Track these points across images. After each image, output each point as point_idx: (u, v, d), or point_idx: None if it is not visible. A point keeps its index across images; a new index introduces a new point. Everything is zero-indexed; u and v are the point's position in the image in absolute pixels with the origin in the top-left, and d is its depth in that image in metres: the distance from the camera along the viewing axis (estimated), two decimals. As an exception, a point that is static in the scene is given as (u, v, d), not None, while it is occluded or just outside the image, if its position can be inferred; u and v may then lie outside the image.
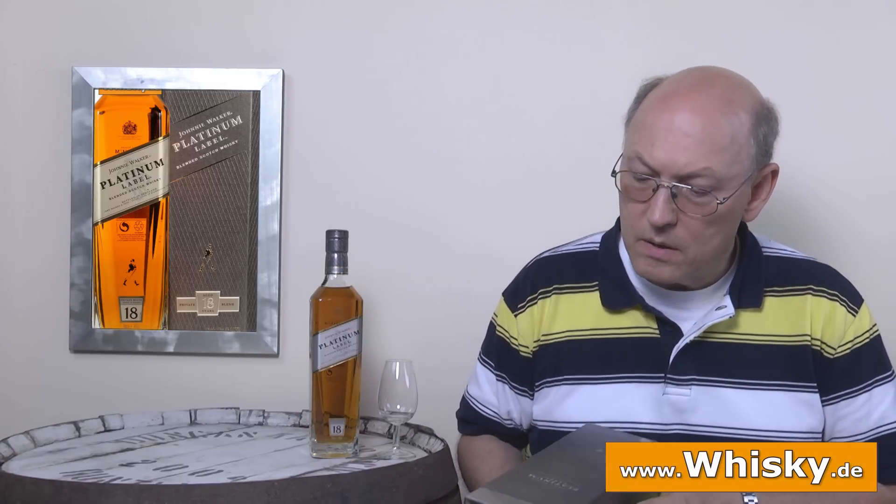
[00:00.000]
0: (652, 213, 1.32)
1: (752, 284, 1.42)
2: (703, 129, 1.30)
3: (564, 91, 1.83)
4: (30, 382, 1.89)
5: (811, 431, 1.39)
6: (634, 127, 1.37)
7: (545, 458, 1.31)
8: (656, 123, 1.32)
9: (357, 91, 1.86)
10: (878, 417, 1.40)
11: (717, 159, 1.30)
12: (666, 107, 1.33)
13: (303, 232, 1.85)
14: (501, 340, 1.54)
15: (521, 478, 1.24)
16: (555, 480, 1.22)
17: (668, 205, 1.31)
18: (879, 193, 1.79)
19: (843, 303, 1.42)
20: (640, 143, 1.33)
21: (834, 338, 1.40)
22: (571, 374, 1.45)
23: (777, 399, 1.38)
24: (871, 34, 1.79)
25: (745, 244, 1.45)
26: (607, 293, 1.45)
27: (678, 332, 1.41)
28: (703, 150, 1.30)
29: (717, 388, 1.39)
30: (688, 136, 1.30)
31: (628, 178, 1.35)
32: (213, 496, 1.23)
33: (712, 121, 1.30)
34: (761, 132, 1.34)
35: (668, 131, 1.31)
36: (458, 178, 1.85)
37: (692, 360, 1.40)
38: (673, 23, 1.81)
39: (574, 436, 1.36)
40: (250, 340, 1.86)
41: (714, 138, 1.30)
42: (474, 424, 1.59)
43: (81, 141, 1.86)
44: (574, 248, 1.54)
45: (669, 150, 1.30)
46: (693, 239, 1.33)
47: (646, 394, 1.40)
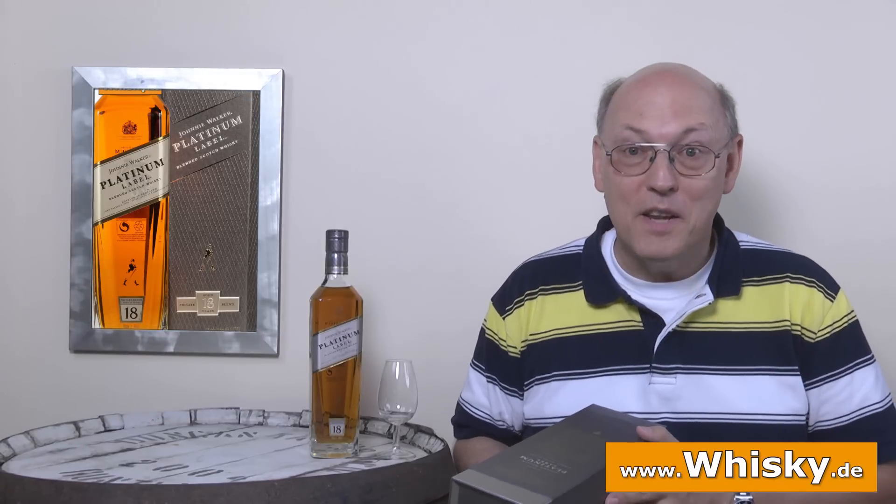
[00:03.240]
0: (654, 179, 1.36)
1: (729, 274, 1.45)
2: (687, 94, 1.38)
3: (564, 91, 1.82)
4: (30, 382, 1.89)
5: (795, 414, 1.41)
6: (614, 111, 1.43)
7: (540, 440, 1.31)
8: (640, 98, 1.39)
9: (357, 91, 1.86)
10: (860, 399, 1.42)
11: (706, 117, 1.38)
12: (645, 84, 1.41)
13: (303, 232, 1.86)
14: (490, 343, 1.56)
15: (512, 460, 1.24)
16: (545, 462, 1.22)
17: (669, 169, 1.36)
18: (880, 189, 1.79)
19: (821, 289, 1.44)
20: (629, 117, 1.39)
21: (813, 323, 1.42)
22: (560, 370, 1.47)
23: (760, 383, 1.40)
24: (872, 32, 1.79)
25: (721, 237, 1.49)
26: (591, 289, 1.48)
27: (661, 322, 1.44)
28: (692, 109, 1.37)
29: (702, 375, 1.41)
30: (675, 101, 1.37)
31: (621, 153, 1.40)
32: (213, 496, 1.23)
33: (693, 88, 1.40)
34: (729, 104, 1.44)
35: (653, 103, 1.38)
36: (458, 178, 1.85)
37: (676, 350, 1.42)
38: (673, 23, 1.81)
39: (574, 417, 1.37)
40: (250, 340, 1.86)
41: (698, 100, 1.38)
42: (468, 428, 1.61)
43: (81, 141, 1.86)
44: (558, 252, 1.57)
45: (660, 116, 1.37)
46: (693, 202, 1.38)
47: (633, 384, 1.42)
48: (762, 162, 1.76)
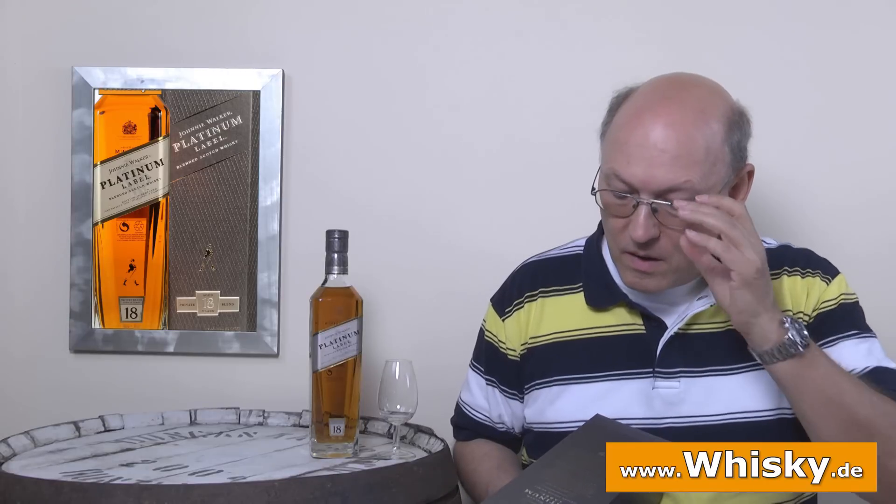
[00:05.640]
0: (634, 230, 1.33)
1: None
2: (678, 143, 1.30)
3: (564, 92, 1.83)
4: (30, 382, 1.89)
5: None
6: (609, 143, 1.38)
7: (545, 467, 1.30)
8: (630, 140, 1.33)
9: (357, 91, 1.86)
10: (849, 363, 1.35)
11: (695, 172, 1.31)
12: (639, 122, 1.33)
13: (303, 232, 1.86)
14: (490, 345, 1.56)
15: (517, 494, 1.24)
16: (550, 499, 1.22)
17: (649, 221, 1.32)
18: (879, 194, 1.79)
19: (817, 274, 1.44)
20: (617, 160, 1.34)
21: (809, 305, 1.42)
22: (561, 374, 1.46)
23: (764, 377, 1.38)
24: (872, 34, 1.79)
25: None
26: (591, 292, 1.47)
27: (663, 326, 1.43)
28: (680, 164, 1.30)
29: (705, 377, 1.40)
30: (664, 153, 1.30)
31: (608, 195, 1.37)
32: (213, 496, 1.23)
33: (686, 134, 1.31)
34: (734, 139, 1.35)
35: (643, 147, 1.31)
36: (458, 177, 1.85)
37: (678, 353, 1.41)
38: (672, 25, 1.81)
39: (578, 435, 1.35)
40: (250, 340, 1.86)
41: (690, 152, 1.31)
42: (468, 430, 1.60)
43: (81, 141, 1.86)
44: (558, 253, 1.56)
45: (646, 167, 1.31)
46: (676, 249, 1.34)
47: (636, 389, 1.41)
48: (762, 163, 1.76)
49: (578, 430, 1.36)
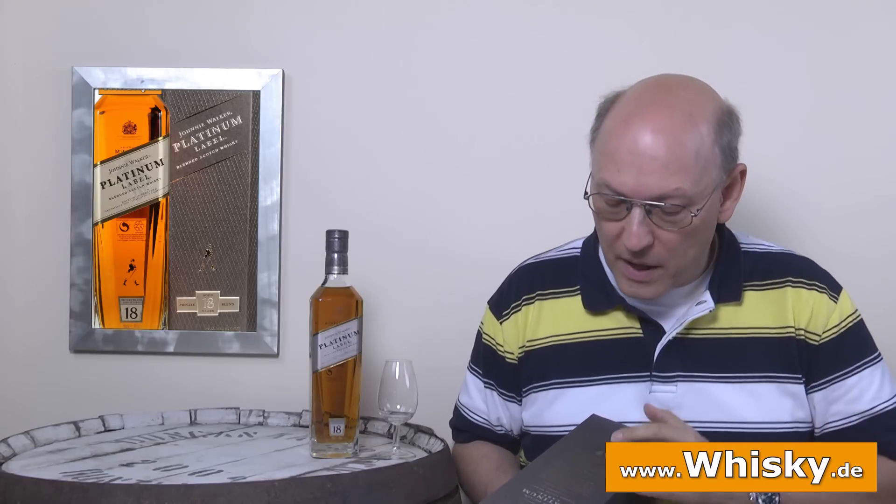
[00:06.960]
0: (629, 238, 1.32)
1: (730, 279, 1.43)
2: (668, 149, 1.29)
3: (563, 93, 1.82)
4: (30, 382, 1.89)
5: (798, 422, 1.40)
6: (598, 152, 1.37)
7: (543, 466, 1.30)
8: (620, 148, 1.31)
9: (357, 91, 1.86)
10: (870, 398, 1.40)
11: (686, 177, 1.29)
12: (628, 129, 1.31)
13: (303, 232, 1.85)
14: (488, 348, 1.55)
15: (515, 493, 1.24)
16: (548, 498, 1.22)
17: (643, 227, 1.31)
18: (876, 194, 1.79)
19: (823, 290, 1.42)
20: (607, 169, 1.33)
21: (818, 325, 1.41)
22: (558, 378, 1.46)
23: (762, 390, 1.38)
24: (869, 34, 1.79)
25: (722, 241, 1.46)
26: (589, 296, 1.47)
27: (661, 330, 1.42)
28: (671, 170, 1.29)
29: (703, 383, 1.40)
30: (654, 160, 1.29)
31: (600, 201, 1.35)
32: (213, 496, 1.23)
33: (676, 140, 1.29)
34: (725, 139, 1.34)
35: (632, 155, 1.30)
36: (458, 177, 1.85)
37: (676, 357, 1.40)
38: (671, 24, 1.81)
39: (576, 434, 1.35)
40: (250, 340, 1.86)
41: (680, 157, 1.29)
42: (466, 432, 1.60)
43: (81, 141, 1.86)
44: (555, 255, 1.55)
45: (636, 175, 1.30)
46: (671, 254, 1.34)
47: (633, 393, 1.41)
48: (760, 165, 1.76)
49: (575, 430, 1.36)
